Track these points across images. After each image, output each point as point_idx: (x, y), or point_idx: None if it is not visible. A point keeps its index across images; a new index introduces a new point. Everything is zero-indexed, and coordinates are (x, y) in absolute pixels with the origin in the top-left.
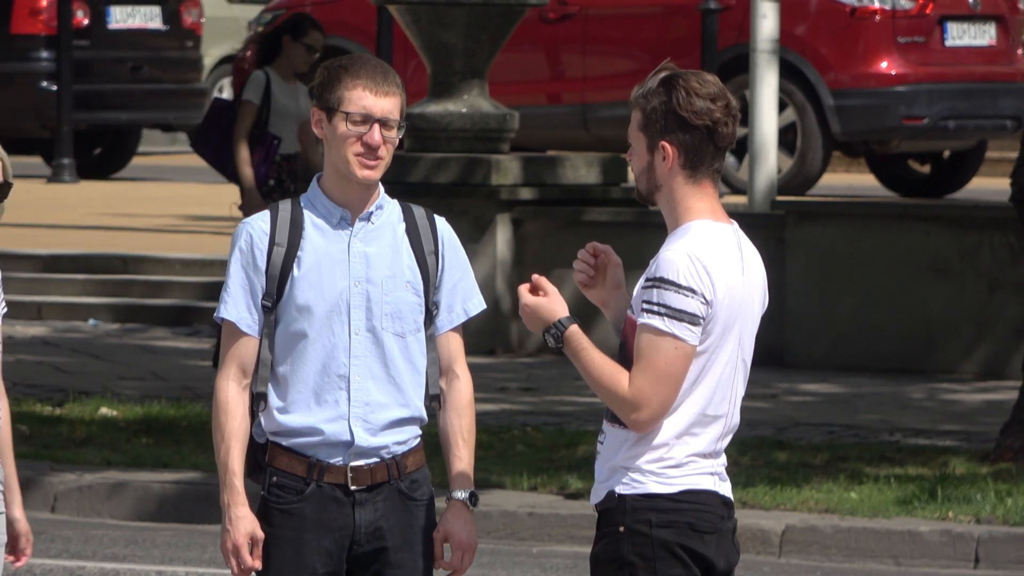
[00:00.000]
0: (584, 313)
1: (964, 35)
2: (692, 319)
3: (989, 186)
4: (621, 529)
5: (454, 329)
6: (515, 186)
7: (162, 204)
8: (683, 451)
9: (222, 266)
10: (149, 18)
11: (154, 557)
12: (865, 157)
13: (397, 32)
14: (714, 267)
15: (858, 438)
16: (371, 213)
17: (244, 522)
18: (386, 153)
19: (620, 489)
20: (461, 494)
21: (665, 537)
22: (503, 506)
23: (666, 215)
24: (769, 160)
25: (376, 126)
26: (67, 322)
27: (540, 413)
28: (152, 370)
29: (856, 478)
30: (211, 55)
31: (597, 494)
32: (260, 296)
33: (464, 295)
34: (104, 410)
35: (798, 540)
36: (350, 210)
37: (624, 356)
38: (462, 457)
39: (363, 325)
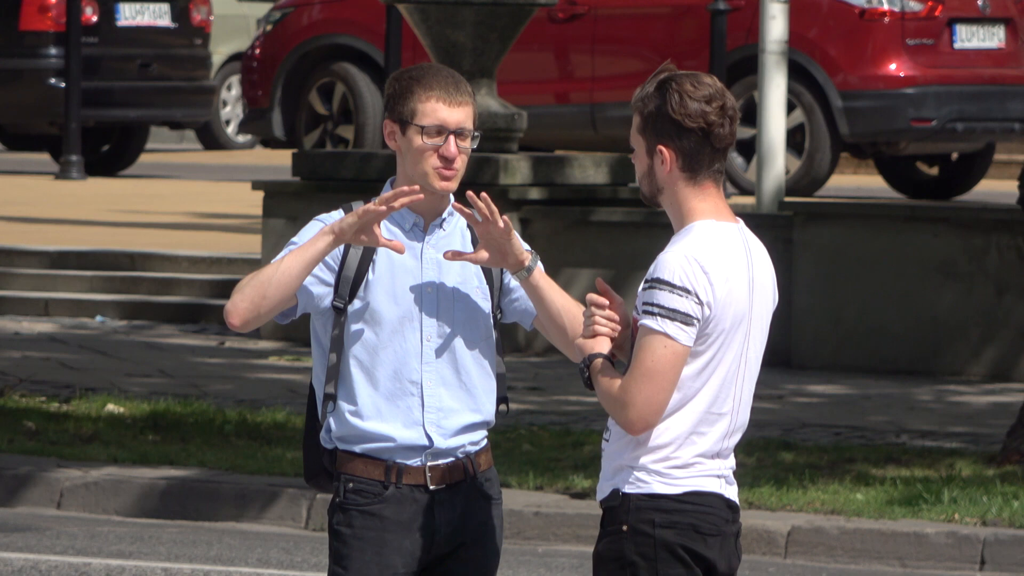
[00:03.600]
0: None
1: (973, 37)
2: (685, 319)
3: (997, 188)
4: (624, 528)
5: None
6: (524, 186)
7: (170, 201)
8: (690, 452)
9: (230, 263)
10: (158, 15)
11: (160, 554)
12: (873, 159)
13: (406, 31)
14: (713, 267)
15: (864, 439)
16: (443, 220)
17: (337, 222)
18: (461, 164)
19: (625, 488)
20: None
21: (668, 538)
22: (509, 505)
23: (671, 216)
24: (777, 161)
25: (452, 137)
26: (74, 319)
27: (546, 412)
28: (159, 367)
29: (862, 479)
30: (220, 53)
31: (602, 491)
32: (319, 281)
33: None
34: (111, 407)
35: (804, 541)
36: (423, 217)
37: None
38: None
39: (435, 331)
